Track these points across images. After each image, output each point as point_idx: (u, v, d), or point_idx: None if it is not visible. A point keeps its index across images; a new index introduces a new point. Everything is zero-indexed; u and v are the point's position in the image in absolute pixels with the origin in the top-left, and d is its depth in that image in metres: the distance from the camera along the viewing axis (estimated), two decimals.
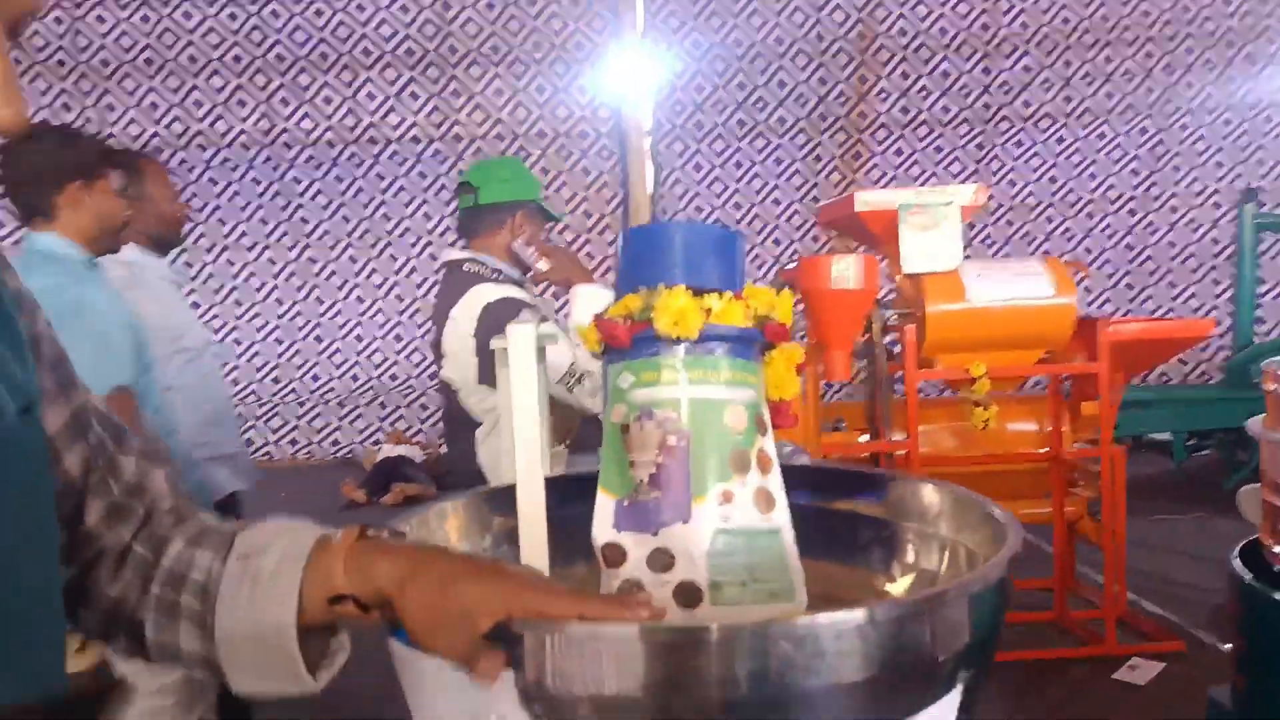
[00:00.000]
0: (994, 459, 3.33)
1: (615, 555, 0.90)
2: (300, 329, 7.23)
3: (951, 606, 0.65)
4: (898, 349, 3.25)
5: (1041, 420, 3.49)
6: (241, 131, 7.06)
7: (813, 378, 3.38)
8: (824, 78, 7.15)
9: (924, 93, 7.19)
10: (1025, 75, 7.21)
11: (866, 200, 3.11)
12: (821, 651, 0.62)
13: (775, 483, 0.93)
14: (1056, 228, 7.41)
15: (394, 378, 7.35)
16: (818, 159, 7.28)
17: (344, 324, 7.31)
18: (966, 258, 3.17)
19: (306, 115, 7.11)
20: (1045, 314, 3.15)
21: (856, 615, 0.63)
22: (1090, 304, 7.15)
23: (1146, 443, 6.70)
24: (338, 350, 7.35)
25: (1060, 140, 7.29)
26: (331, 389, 7.34)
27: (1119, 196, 7.41)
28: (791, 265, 3.17)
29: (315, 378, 7.28)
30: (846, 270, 2.75)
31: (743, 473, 0.92)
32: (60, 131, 2.19)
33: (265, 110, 7.08)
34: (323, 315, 7.31)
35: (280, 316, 7.27)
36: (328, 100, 7.11)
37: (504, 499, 0.97)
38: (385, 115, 7.15)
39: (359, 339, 7.33)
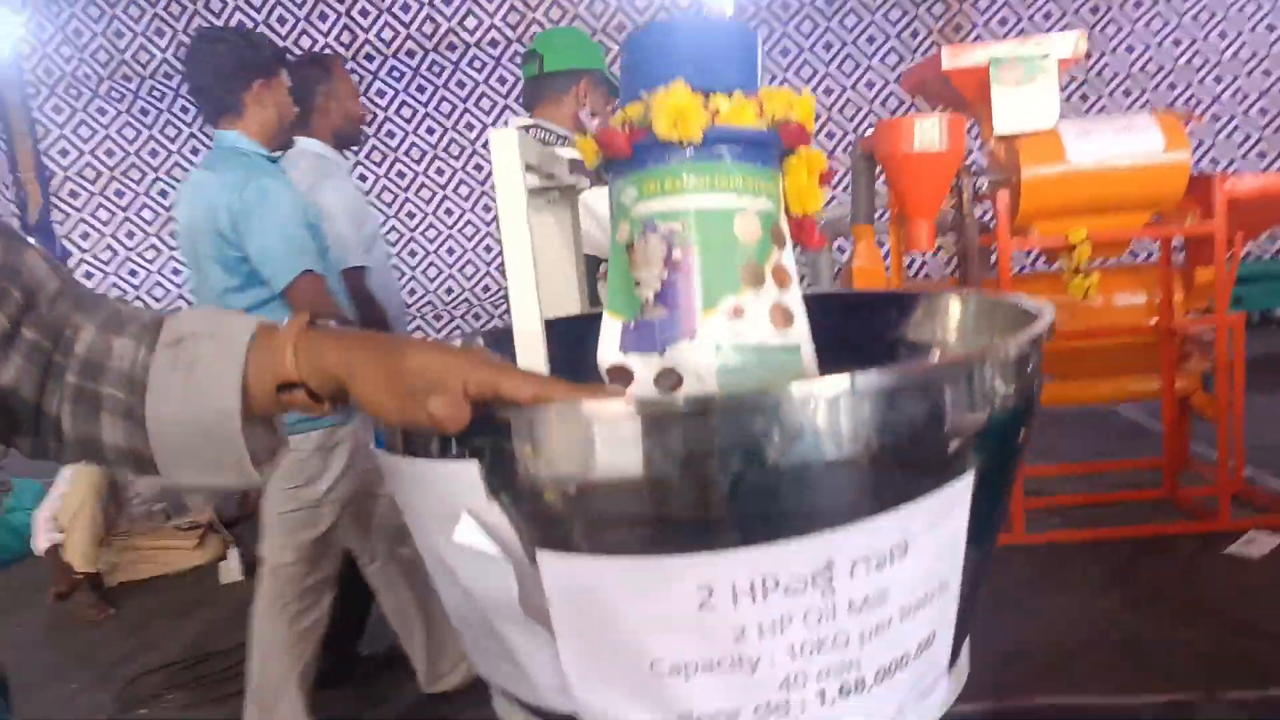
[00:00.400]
0: (1098, 332, 3.13)
1: (621, 377, 0.85)
2: (394, 244, 7.36)
3: (959, 379, 0.58)
4: (990, 220, 3.06)
5: (1151, 291, 3.24)
6: (325, 46, 7.10)
7: (896, 251, 3.22)
8: None
9: None
10: None
11: (955, 56, 2.89)
12: (812, 421, 0.56)
13: (794, 299, 0.86)
14: (1181, 94, 6.83)
15: (486, 289, 7.43)
16: (914, 34, 6.86)
17: (435, 237, 7.40)
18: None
19: (386, 24, 7.09)
20: (1154, 172, 2.90)
21: (844, 381, 0.56)
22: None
23: (1277, 319, 6.25)
24: (431, 264, 7.46)
25: None
26: (427, 302, 7.49)
27: (1252, 56, 6.75)
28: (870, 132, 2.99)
29: (411, 291, 7.43)
30: (930, 131, 2.58)
31: (756, 286, 0.85)
32: (240, 33, 2.30)
33: (346, 23, 7.08)
34: (415, 230, 7.41)
35: None
36: (405, 8, 7.06)
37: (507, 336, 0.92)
38: (463, 19, 7.07)
39: (450, 251, 7.42)
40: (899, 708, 0.66)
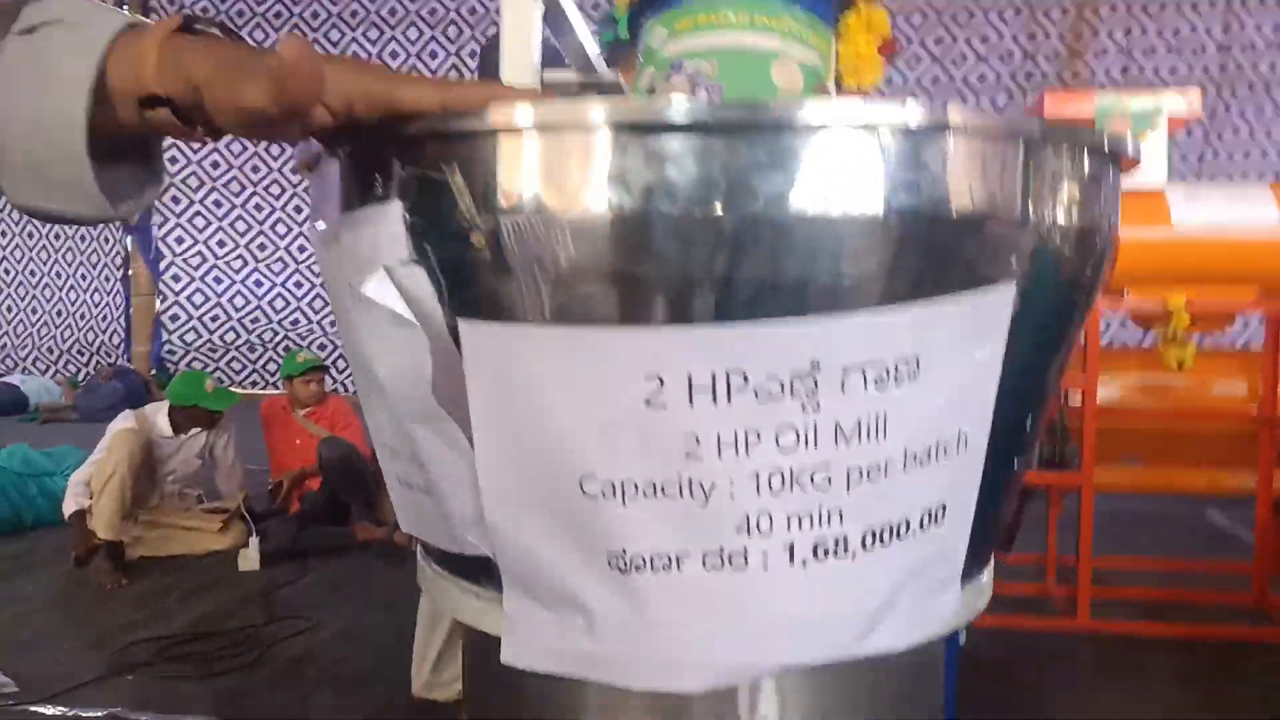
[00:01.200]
0: (1190, 413, 2.88)
1: None
2: None
3: (1015, 147, 0.45)
4: None
5: (1251, 378, 2.99)
6: None
7: None
8: (1033, 32, 6.58)
9: (1149, 51, 6.48)
10: (1275, 34, 6.35)
11: (1058, 104, 2.75)
12: (821, 157, 0.44)
13: None
14: None
15: None
16: None
17: None
18: None
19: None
20: (1266, 246, 2.69)
21: (869, 111, 0.44)
22: None
23: None
24: None
25: None
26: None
27: None
28: None
29: None
30: None
31: None
32: None
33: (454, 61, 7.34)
34: None
35: None
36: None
37: None
38: None
39: None
40: (890, 594, 0.51)
